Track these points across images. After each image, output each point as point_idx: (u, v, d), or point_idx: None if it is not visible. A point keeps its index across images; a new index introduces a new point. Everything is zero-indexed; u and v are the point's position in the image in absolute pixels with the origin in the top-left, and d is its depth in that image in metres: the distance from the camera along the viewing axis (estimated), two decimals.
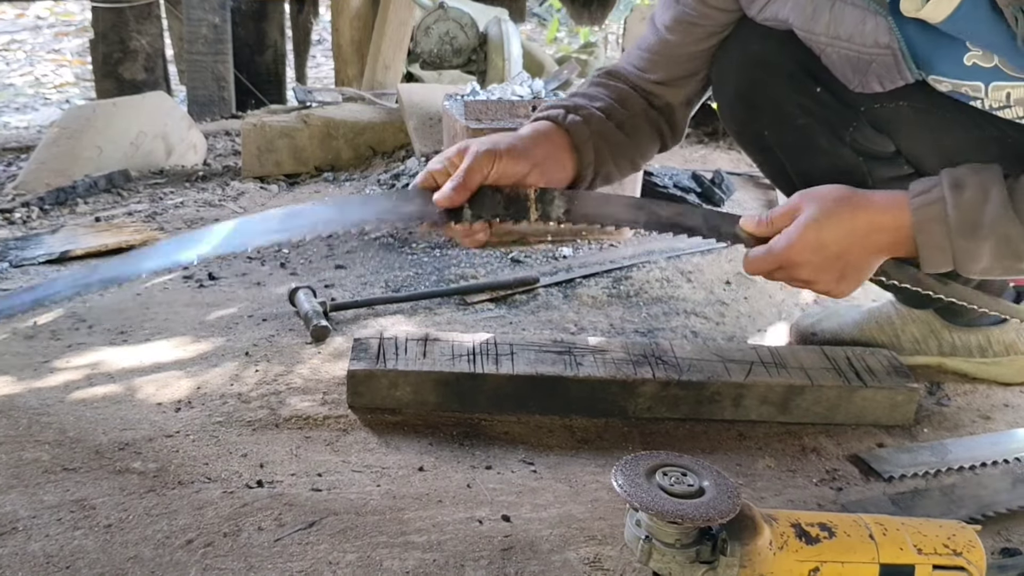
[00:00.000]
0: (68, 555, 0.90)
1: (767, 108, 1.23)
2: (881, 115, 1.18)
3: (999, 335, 1.40)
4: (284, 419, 1.22)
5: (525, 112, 1.96)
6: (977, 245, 0.99)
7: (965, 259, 1.01)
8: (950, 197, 0.99)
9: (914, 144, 1.19)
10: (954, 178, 1.01)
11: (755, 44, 1.21)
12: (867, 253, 1.04)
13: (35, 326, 1.60)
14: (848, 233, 1.02)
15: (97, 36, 4.61)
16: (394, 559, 0.91)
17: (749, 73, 1.22)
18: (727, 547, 0.80)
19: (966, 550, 0.83)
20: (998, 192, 0.98)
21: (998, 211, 0.97)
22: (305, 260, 2.04)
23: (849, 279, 1.05)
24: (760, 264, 1.07)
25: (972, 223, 0.98)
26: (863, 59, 1.09)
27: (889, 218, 1.02)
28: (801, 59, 1.17)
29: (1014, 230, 0.97)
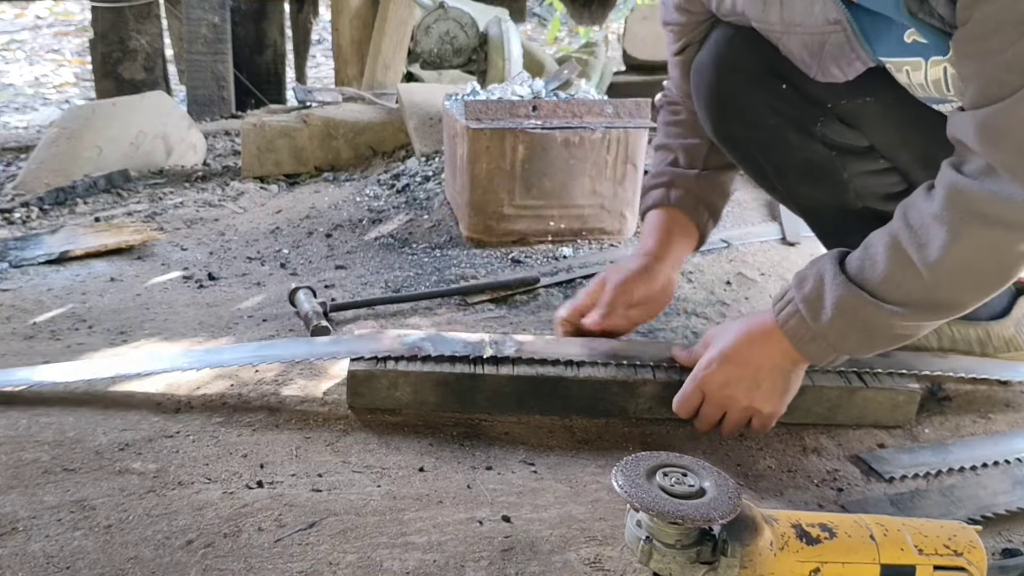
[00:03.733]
0: (68, 556, 0.90)
1: (737, 110, 1.28)
2: (849, 111, 1.21)
3: (998, 330, 1.40)
4: (284, 420, 1.22)
5: (525, 112, 1.96)
6: (834, 326, 1.04)
7: (838, 342, 1.06)
8: (796, 293, 1.07)
9: (885, 139, 1.22)
10: (799, 276, 1.09)
11: (723, 46, 1.26)
12: (774, 360, 1.10)
13: (35, 326, 1.59)
14: (748, 344, 1.11)
15: (97, 36, 4.61)
16: (394, 560, 0.91)
17: (718, 77, 1.27)
18: (728, 548, 0.80)
19: (967, 551, 0.83)
20: (830, 272, 1.04)
21: (834, 288, 1.03)
22: (305, 260, 2.04)
23: (764, 389, 1.12)
24: (687, 398, 1.15)
25: (818, 308, 1.05)
26: (816, 39, 1.12)
27: (775, 326, 1.09)
28: (767, 58, 1.21)
29: (853, 298, 1.02)
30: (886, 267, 1.00)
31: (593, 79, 3.53)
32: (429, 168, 2.54)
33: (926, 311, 1.01)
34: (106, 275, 1.93)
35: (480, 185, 1.98)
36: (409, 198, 2.38)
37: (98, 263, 2.00)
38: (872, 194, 1.28)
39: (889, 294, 1.00)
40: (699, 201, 1.35)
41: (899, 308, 1.00)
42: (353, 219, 2.29)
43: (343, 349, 1.28)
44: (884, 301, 1.00)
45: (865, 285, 1.01)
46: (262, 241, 2.20)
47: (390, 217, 2.27)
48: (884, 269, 1.00)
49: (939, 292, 0.99)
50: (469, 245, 2.03)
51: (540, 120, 1.96)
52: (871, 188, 1.27)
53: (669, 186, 1.35)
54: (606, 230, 2.06)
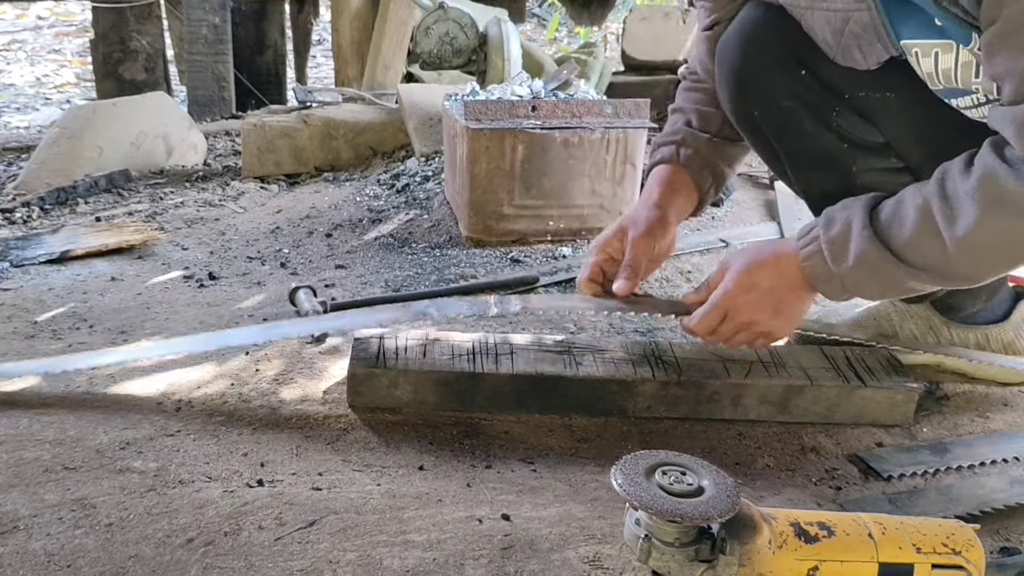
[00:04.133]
0: (69, 554, 0.91)
1: (756, 88, 1.27)
2: (867, 105, 1.21)
3: (997, 333, 1.40)
4: (284, 418, 1.23)
5: (524, 112, 1.96)
6: (852, 273, 1.07)
7: (852, 286, 1.09)
8: (822, 234, 1.10)
9: (900, 136, 1.22)
10: (827, 216, 1.11)
11: (749, 26, 1.26)
12: (793, 290, 1.13)
13: (36, 325, 1.60)
14: (775, 273, 1.13)
15: (97, 36, 4.61)
16: (394, 558, 0.91)
17: (741, 53, 1.27)
18: (726, 546, 0.81)
19: (965, 549, 0.84)
20: (859, 222, 1.07)
21: (859, 240, 1.06)
22: (305, 260, 2.04)
23: (785, 315, 1.15)
24: (706, 319, 1.16)
25: (841, 255, 1.08)
26: (840, 16, 1.12)
27: (797, 259, 1.12)
28: (792, 43, 1.21)
29: (876, 254, 1.05)
30: (913, 231, 1.02)
31: (592, 79, 3.53)
32: (429, 168, 2.55)
33: (941, 278, 1.06)
34: (107, 275, 1.93)
35: (480, 185, 1.98)
36: (409, 198, 2.38)
37: (99, 263, 2.00)
38: (880, 192, 1.27)
39: (910, 257, 1.03)
40: (705, 164, 1.34)
41: (917, 270, 1.03)
42: (353, 219, 2.30)
43: (347, 323, 1.29)
44: (904, 262, 1.03)
45: (889, 243, 1.04)
46: (262, 241, 2.20)
47: (390, 217, 2.28)
48: (911, 232, 1.03)
49: (958, 266, 1.02)
50: (469, 245, 2.03)
51: (539, 120, 1.97)
52: (879, 186, 1.26)
53: (680, 144, 1.34)
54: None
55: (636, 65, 3.88)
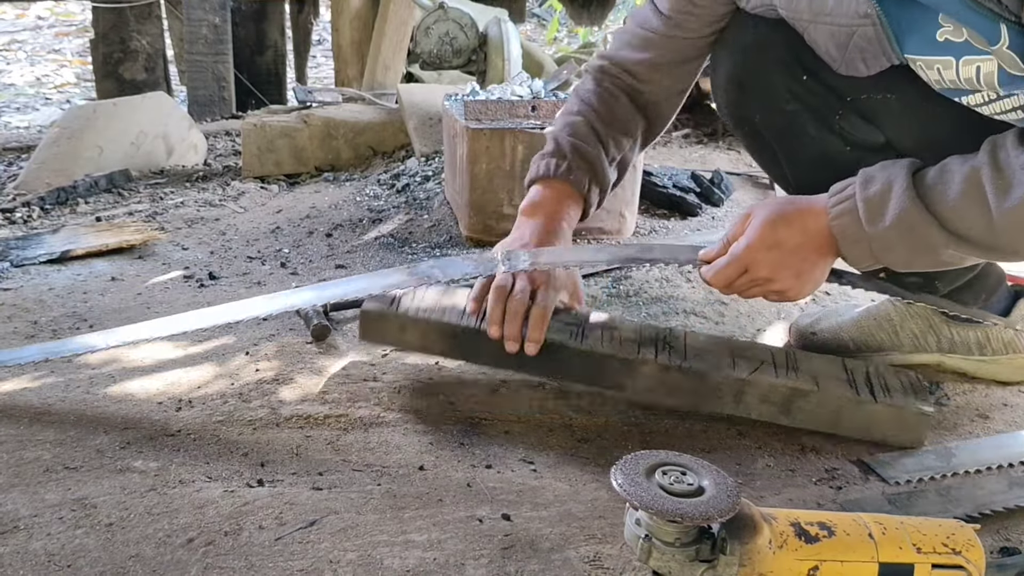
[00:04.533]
0: (69, 554, 0.91)
1: (757, 92, 1.26)
2: (869, 106, 1.21)
3: (998, 332, 1.40)
4: (284, 418, 1.23)
5: (524, 112, 1.96)
6: (886, 235, 1.03)
7: (881, 251, 1.06)
8: (859, 192, 1.06)
9: (902, 137, 1.22)
10: (865, 175, 1.07)
11: (749, 31, 1.25)
12: (818, 251, 1.10)
13: (36, 325, 1.60)
14: (800, 231, 1.09)
15: (97, 36, 4.61)
16: (395, 558, 0.91)
17: (741, 57, 1.26)
18: (726, 546, 0.81)
19: (965, 549, 0.84)
20: (901, 182, 1.03)
21: (901, 200, 1.02)
22: (305, 260, 2.04)
23: (805, 276, 1.11)
24: (724, 271, 1.14)
25: (878, 214, 1.04)
26: (844, 31, 1.11)
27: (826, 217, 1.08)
28: (792, 46, 1.20)
29: (917, 215, 1.01)
30: (959, 197, 1.00)
31: None
32: (429, 168, 2.55)
33: (980, 249, 1.02)
34: (107, 274, 1.93)
35: (480, 185, 1.98)
36: (409, 198, 2.38)
37: (99, 262, 2.00)
38: None
39: (951, 223, 1.00)
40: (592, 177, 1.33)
41: (956, 238, 1.01)
42: (353, 219, 2.30)
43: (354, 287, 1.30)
44: (945, 228, 1.00)
45: (932, 207, 1.01)
46: (263, 241, 2.20)
47: (390, 217, 2.28)
48: (956, 198, 1.00)
49: (1001, 238, 1.00)
50: (469, 245, 2.04)
51: (539, 120, 1.97)
52: None
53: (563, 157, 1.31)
54: (605, 230, 2.06)
55: None
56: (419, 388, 1.33)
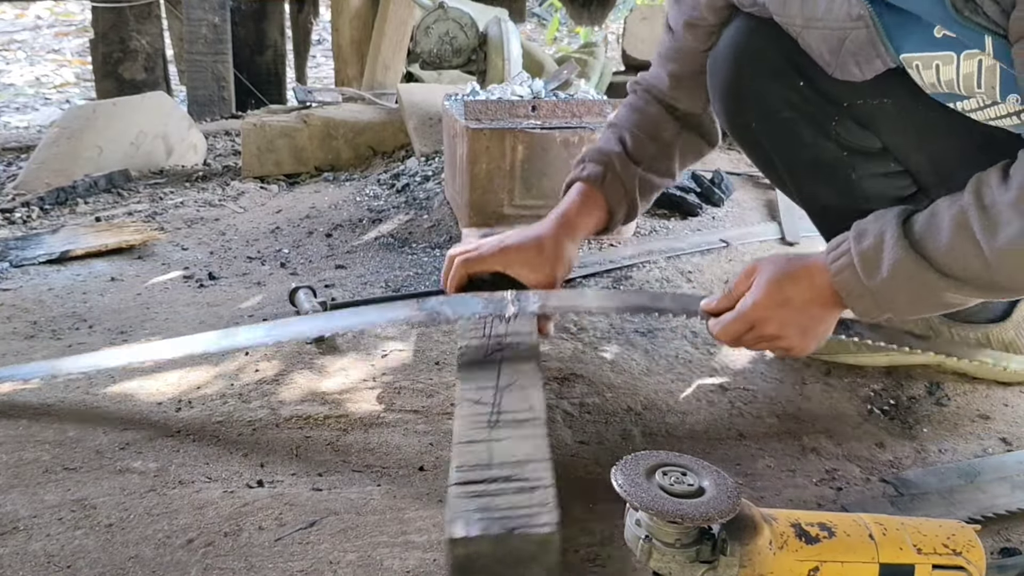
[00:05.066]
0: (69, 555, 0.91)
1: (753, 101, 1.26)
2: (865, 111, 1.20)
3: (998, 333, 1.40)
4: (284, 419, 1.22)
5: (524, 112, 1.96)
6: (886, 286, 1.04)
7: (885, 301, 1.06)
8: (854, 247, 1.06)
9: (899, 142, 1.22)
10: (858, 229, 1.08)
11: (744, 37, 1.25)
12: (824, 307, 1.10)
13: (35, 325, 1.60)
14: (808, 288, 1.09)
15: (97, 36, 4.61)
16: (395, 559, 0.91)
17: (736, 66, 1.26)
18: (727, 547, 0.80)
19: (966, 550, 0.83)
20: (892, 232, 1.03)
21: (894, 250, 1.02)
22: (305, 260, 2.04)
23: (811, 333, 1.12)
24: (731, 327, 1.13)
25: (875, 267, 1.04)
26: (837, 35, 1.11)
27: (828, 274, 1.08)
28: (788, 52, 1.20)
29: (912, 264, 1.01)
30: (950, 240, 0.99)
31: (592, 79, 3.53)
32: (429, 168, 2.55)
33: (980, 289, 1.01)
34: (107, 275, 1.93)
35: (480, 185, 1.98)
36: (409, 198, 2.38)
37: (99, 263, 2.00)
38: (880, 197, 1.27)
39: (948, 267, 1.00)
40: (626, 196, 1.33)
41: (955, 281, 1.00)
42: (353, 219, 2.30)
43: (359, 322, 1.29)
44: (941, 273, 1.00)
45: (926, 253, 1.01)
46: (262, 241, 2.20)
47: (390, 217, 2.28)
48: (948, 242, 0.99)
49: (998, 275, 0.99)
50: None
51: (539, 120, 1.97)
52: (879, 191, 1.26)
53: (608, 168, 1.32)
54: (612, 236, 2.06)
55: (636, 65, 3.88)
56: (419, 388, 1.33)
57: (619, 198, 1.33)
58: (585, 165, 1.34)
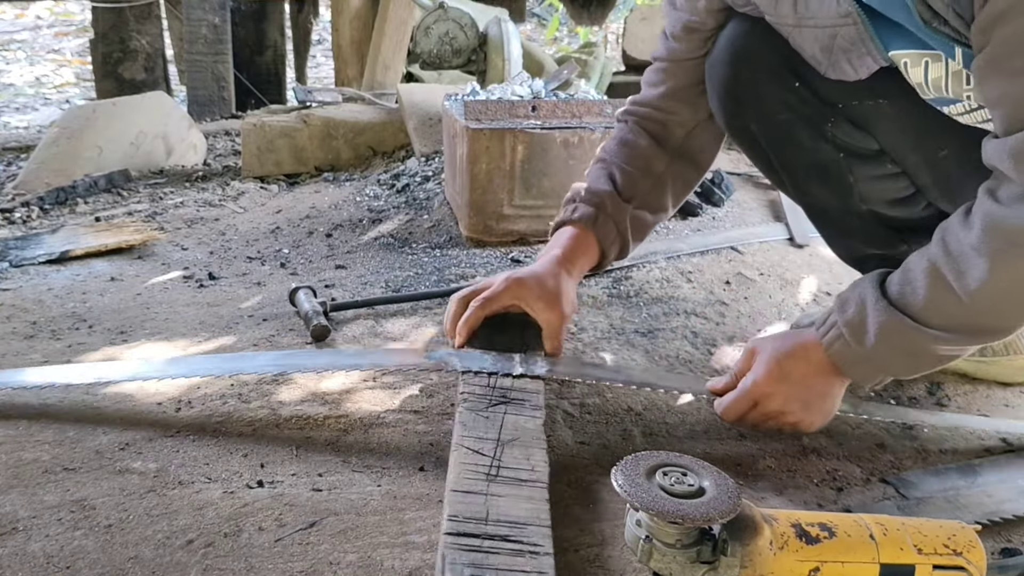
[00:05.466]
0: (68, 555, 0.90)
1: (750, 102, 1.27)
2: (861, 112, 1.20)
3: None
4: (284, 419, 1.22)
5: (524, 112, 1.96)
6: (878, 350, 1.05)
7: (881, 365, 1.07)
8: (839, 317, 1.08)
9: (896, 143, 1.22)
10: (840, 299, 1.10)
11: (740, 39, 1.25)
12: (824, 379, 1.11)
13: (35, 325, 1.60)
14: (805, 363, 1.11)
15: (97, 36, 4.61)
16: (395, 559, 0.91)
17: (733, 68, 1.26)
18: (727, 547, 0.80)
19: (966, 550, 0.83)
20: (871, 296, 1.05)
21: (876, 314, 1.04)
22: (305, 260, 2.04)
23: (815, 407, 1.12)
24: (735, 405, 1.14)
25: (862, 333, 1.06)
26: (828, 33, 1.11)
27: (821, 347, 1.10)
28: (784, 53, 1.20)
29: (897, 324, 1.02)
30: (926, 293, 1.00)
31: (592, 79, 3.53)
32: (429, 168, 2.55)
33: (969, 335, 1.02)
34: (106, 275, 1.93)
35: (480, 185, 1.98)
36: (409, 198, 2.38)
37: (98, 263, 2.00)
38: (877, 199, 1.27)
39: (931, 319, 1.01)
40: (619, 236, 1.33)
41: (942, 332, 1.01)
42: (353, 219, 2.30)
43: (367, 361, 1.29)
44: (926, 326, 1.01)
45: (907, 310, 1.02)
46: (262, 241, 2.20)
47: (390, 217, 2.28)
48: (924, 295, 1.01)
49: (981, 318, 1.00)
50: (469, 245, 2.03)
51: (539, 120, 1.97)
52: (876, 193, 1.27)
53: (600, 210, 1.31)
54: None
55: (637, 65, 3.88)
56: (419, 388, 1.33)
57: (612, 239, 1.32)
58: (577, 206, 1.33)
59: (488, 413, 1.07)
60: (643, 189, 1.34)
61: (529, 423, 1.07)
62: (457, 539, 0.82)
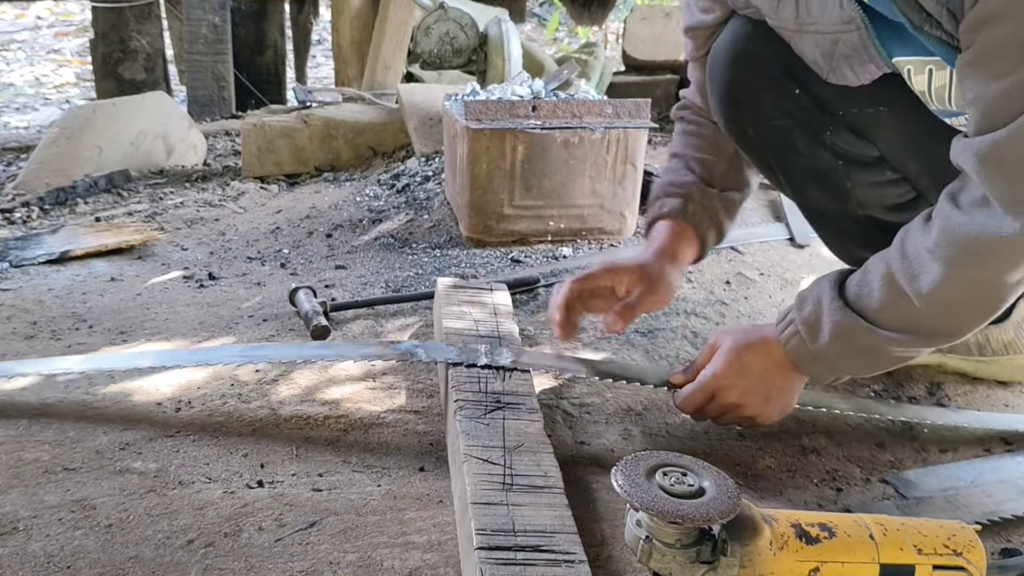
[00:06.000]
0: (68, 555, 0.90)
1: (749, 107, 1.27)
2: (861, 120, 1.20)
3: (998, 334, 1.40)
4: (284, 419, 1.22)
5: (525, 112, 1.96)
6: (831, 348, 1.05)
7: (835, 363, 1.07)
8: (796, 315, 1.08)
9: (896, 150, 1.21)
10: (800, 297, 1.10)
11: (741, 42, 1.25)
12: (783, 375, 1.11)
13: (35, 325, 1.60)
14: (765, 357, 1.11)
15: (97, 36, 4.62)
16: (395, 559, 0.91)
17: (733, 71, 1.26)
18: (727, 547, 0.80)
19: (966, 550, 0.83)
20: (828, 295, 1.05)
21: (831, 313, 1.04)
22: (305, 260, 2.04)
23: (775, 401, 1.13)
24: (694, 397, 1.14)
25: (817, 331, 1.06)
26: (830, 39, 1.11)
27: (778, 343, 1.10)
28: (785, 58, 1.19)
29: (850, 324, 1.03)
30: (881, 296, 1.01)
31: (593, 79, 3.53)
32: (429, 168, 2.55)
33: (922, 338, 1.02)
34: (106, 275, 1.93)
35: (480, 185, 1.98)
36: (409, 198, 2.38)
37: (98, 263, 2.00)
38: (875, 204, 1.26)
39: (885, 321, 1.01)
40: (712, 220, 1.33)
41: (895, 334, 1.01)
42: (353, 219, 2.30)
43: (332, 352, 1.29)
44: (880, 327, 1.01)
45: (862, 312, 1.02)
46: (262, 241, 2.20)
47: (390, 217, 2.28)
48: (879, 298, 1.01)
49: (934, 322, 1.00)
50: (469, 245, 2.03)
51: (540, 120, 1.96)
52: (874, 199, 1.26)
53: (688, 199, 1.31)
54: (606, 230, 2.06)
55: (637, 65, 3.88)
56: (419, 388, 1.33)
57: (706, 225, 1.32)
58: (664, 201, 1.33)
59: (487, 420, 1.07)
60: (721, 171, 1.35)
61: (530, 427, 1.07)
62: (491, 553, 0.82)
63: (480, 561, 0.80)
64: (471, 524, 0.86)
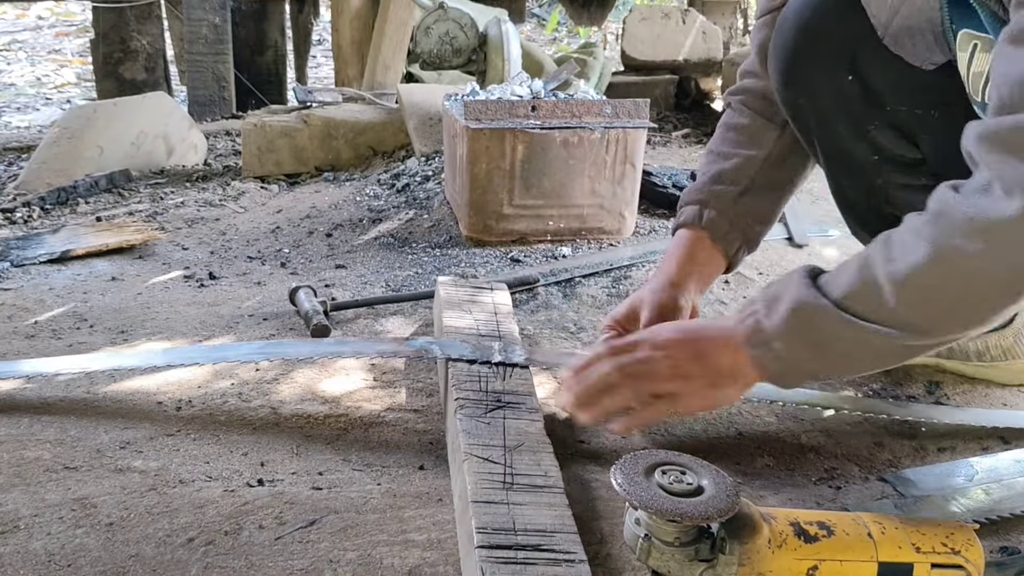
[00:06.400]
0: (69, 553, 0.91)
1: (802, 79, 1.23)
2: (910, 120, 1.17)
3: (997, 340, 1.39)
4: (284, 418, 1.23)
5: (524, 112, 1.96)
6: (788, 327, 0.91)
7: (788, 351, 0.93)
8: (760, 294, 0.96)
9: (942, 158, 1.16)
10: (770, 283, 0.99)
11: (808, 11, 1.20)
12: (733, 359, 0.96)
13: (36, 325, 1.60)
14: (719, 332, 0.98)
15: (98, 36, 4.62)
16: (395, 557, 0.91)
17: (797, 40, 1.21)
18: (726, 545, 0.81)
19: (964, 549, 0.84)
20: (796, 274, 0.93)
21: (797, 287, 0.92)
22: (305, 260, 2.04)
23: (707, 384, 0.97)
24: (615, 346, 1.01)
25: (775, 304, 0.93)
26: None
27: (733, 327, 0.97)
28: (845, 38, 1.15)
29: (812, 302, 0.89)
30: (853, 277, 0.88)
31: (592, 79, 3.53)
32: (429, 168, 2.55)
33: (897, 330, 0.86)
34: (107, 274, 1.93)
35: (479, 185, 1.98)
36: (409, 198, 2.38)
37: (99, 262, 2.01)
38: (905, 206, 1.20)
39: (852, 306, 0.87)
40: (733, 226, 1.25)
41: (862, 324, 0.86)
42: (353, 219, 2.30)
43: (348, 349, 1.29)
44: (845, 311, 0.87)
45: (830, 294, 0.89)
46: (263, 240, 2.21)
47: (390, 217, 2.28)
48: (849, 279, 0.88)
49: (907, 313, 0.85)
50: (469, 245, 2.04)
51: (539, 120, 1.97)
52: (905, 200, 1.21)
53: (703, 205, 1.25)
54: (605, 230, 2.06)
55: (636, 65, 3.88)
56: (419, 388, 1.33)
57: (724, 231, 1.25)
58: (683, 209, 1.27)
59: (488, 419, 1.08)
60: (751, 171, 1.27)
61: (531, 427, 1.07)
62: (491, 551, 0.82)
63: (480, 560, 0.81)
64: (471, 522, 0.86)
